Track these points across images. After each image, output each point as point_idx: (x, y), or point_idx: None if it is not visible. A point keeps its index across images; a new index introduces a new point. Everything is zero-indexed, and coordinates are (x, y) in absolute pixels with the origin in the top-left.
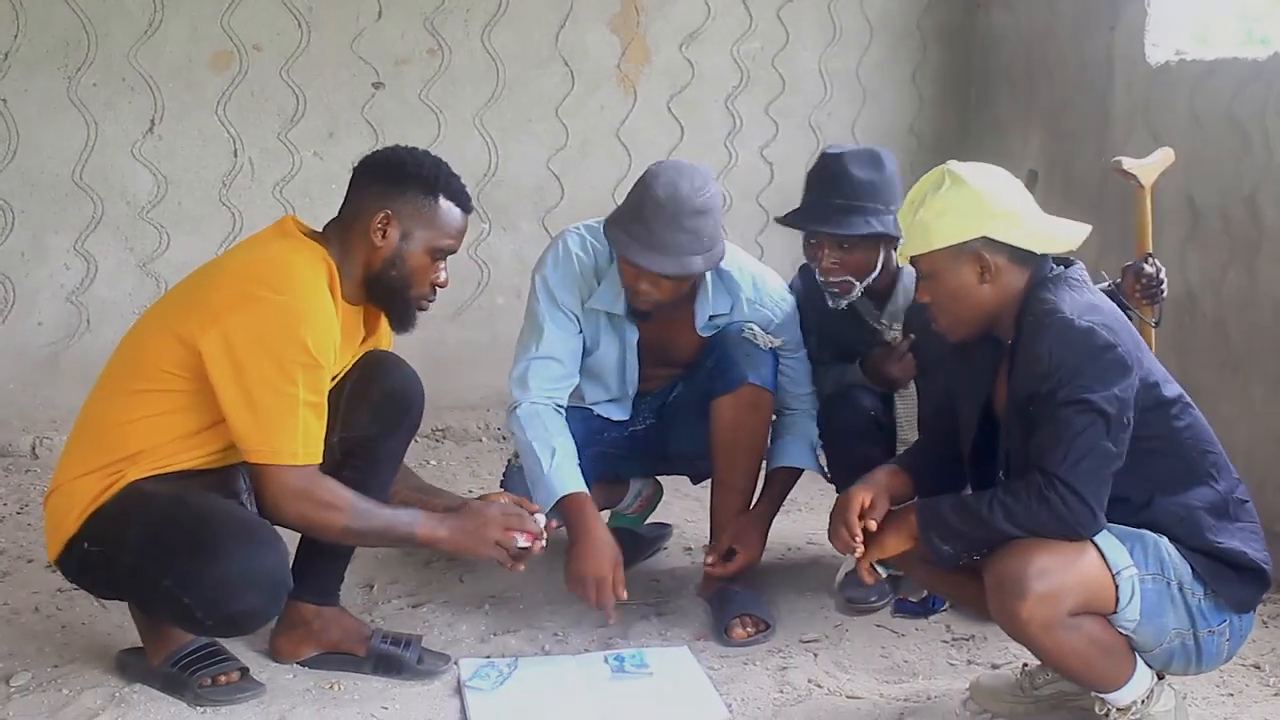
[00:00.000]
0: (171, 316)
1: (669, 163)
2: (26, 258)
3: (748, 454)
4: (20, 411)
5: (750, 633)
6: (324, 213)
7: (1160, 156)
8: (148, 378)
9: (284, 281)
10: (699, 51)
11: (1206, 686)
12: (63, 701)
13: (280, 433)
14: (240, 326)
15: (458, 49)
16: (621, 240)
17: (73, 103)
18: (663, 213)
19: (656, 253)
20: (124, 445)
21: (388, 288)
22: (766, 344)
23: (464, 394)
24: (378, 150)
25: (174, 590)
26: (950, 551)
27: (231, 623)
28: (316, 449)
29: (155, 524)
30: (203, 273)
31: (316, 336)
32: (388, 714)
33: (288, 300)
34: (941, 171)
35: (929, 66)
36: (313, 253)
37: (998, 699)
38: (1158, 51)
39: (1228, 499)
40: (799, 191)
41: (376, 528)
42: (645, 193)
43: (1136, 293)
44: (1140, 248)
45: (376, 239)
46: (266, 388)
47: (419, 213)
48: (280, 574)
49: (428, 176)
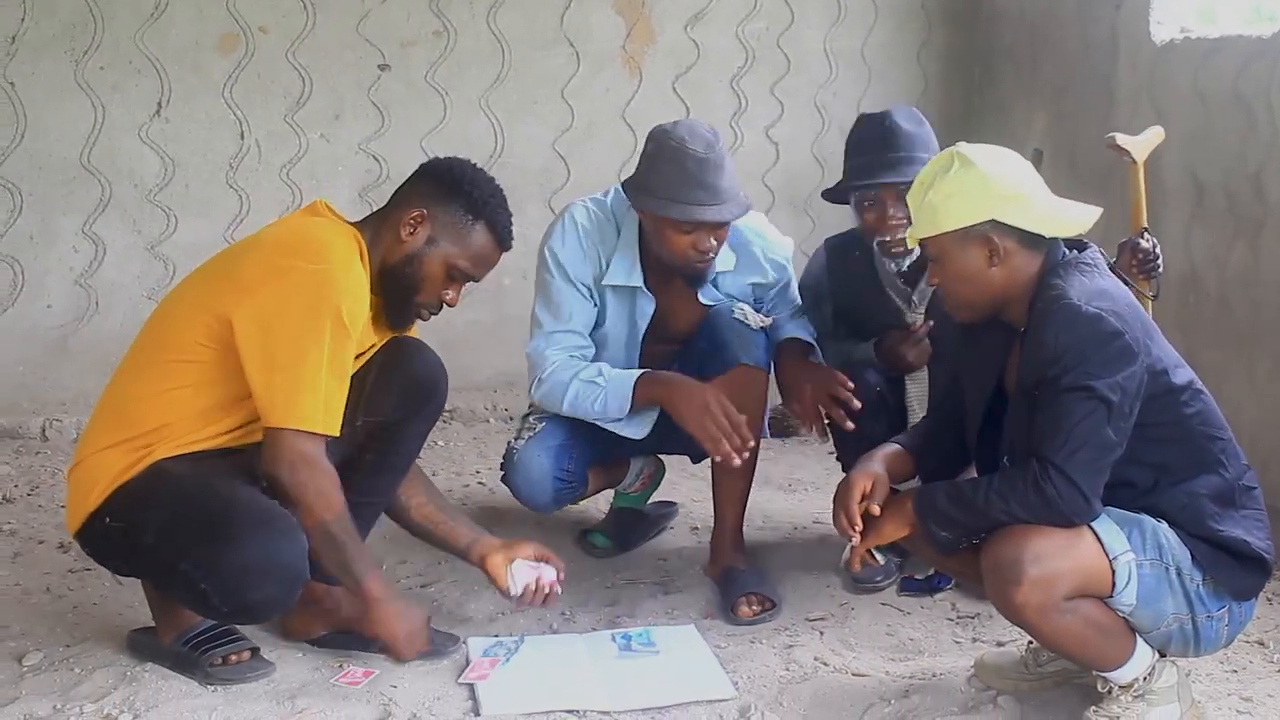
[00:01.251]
0: (202, 290)
1: (676, 124)
2: (35, 240)
3: None
4: (30, 394)
5: (756, 611)
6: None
7: (1152, 134)
8: (176, 349)
9: (318, 253)
10: (704, 32)
11: (1210, 663)
12: (74, 680)
13: (302, 397)
14: (273, 295)
15: (463, 31)
16: (686, 211)
17: (80, 86)
18: (710, 164)
19: (725, 203)
20: (149, 418)
21: (396, 283)
22: (758, 324)
23: (471, 375)
24: (451, 157)
25: (191, 574)
26: (947, 538)
27: (247, 611)
28: (336, 420)
29: (177, 506)
30: (235, 249)
31: (350, 304)
32: (396, 693)
33: (322, 269)
34: (951, 154)
35: (934, 46)
36: (345, 230)
37: (1002, 676)
38: (1162, 29)
39: (1234, 486)
40: (805, 171)
41: (347, 547)
42: (680, 155)
43: (1133, 268)
44: (1135, 223)
45: (404, 232)
46: (292, 350)
47: (453, 226)
48: (298, 565)
49: (479, 199)
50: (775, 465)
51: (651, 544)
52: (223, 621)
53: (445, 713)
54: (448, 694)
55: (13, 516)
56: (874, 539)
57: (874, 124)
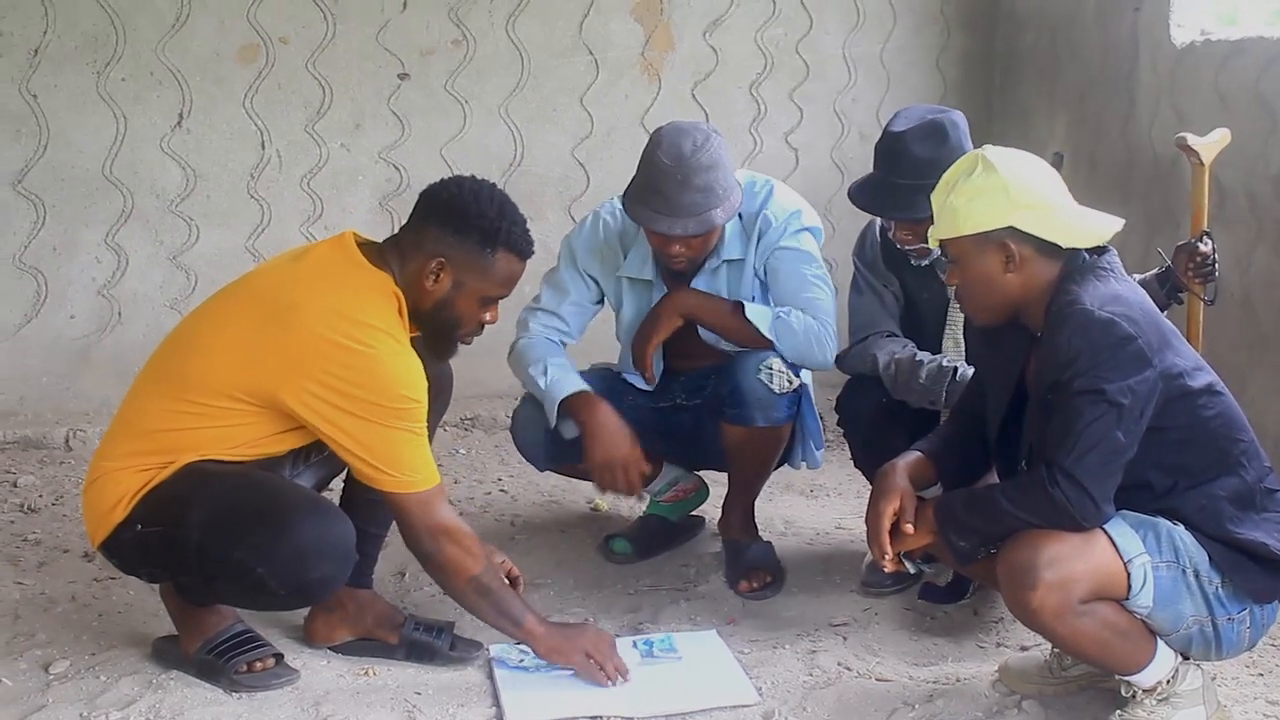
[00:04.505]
0: (237, 343)
1: (668, 126)
2: (58, 251)
3: (755, 466)
4: (54, 404)
5: (756, 586)
6: (351, 203)
7: (1220, 135)
8: (208, 394)
9: (366, 332)
10: (723, 38)
11: (1236, 666)
12: (100, 689)
13: (406, 461)
14: (333, 380)
15: (482, 39)
16: (641, 214)
17: (102, 98)
18: (671, 177)
19: (677, 217)
20: (173, 448)
21: (436, 326)
22: (781, 389)
23: (492, 383)
24: (447, 181)
25: (246, 562)
26: (966, 546)
27: (306, 590)
28: (434, 470)
29: (221, 500)
30: (273, 296)
31: (413, 385)
32: (421, 700)
33: (377, 351)
34: (976, 156)
35: (953, 51)
36: (382, 288)
37: (1027, 681)
38: (1182, 32)
39: (1255, 489)
40: (824, 177)
41: (499, 594)
42: (651, 161)
43: (1189, 271)
44: (1195, 226)
45: (429, 284)
46: (378, 425)
47: (474, 264)
48: (350, 542)
49: (489, 228)
50: (797, 472)
51: (673, 550)
52: (277, 607)
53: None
54: (471, 701)
55: (38, 526)
56: (900, 546)
57: (889, 144)
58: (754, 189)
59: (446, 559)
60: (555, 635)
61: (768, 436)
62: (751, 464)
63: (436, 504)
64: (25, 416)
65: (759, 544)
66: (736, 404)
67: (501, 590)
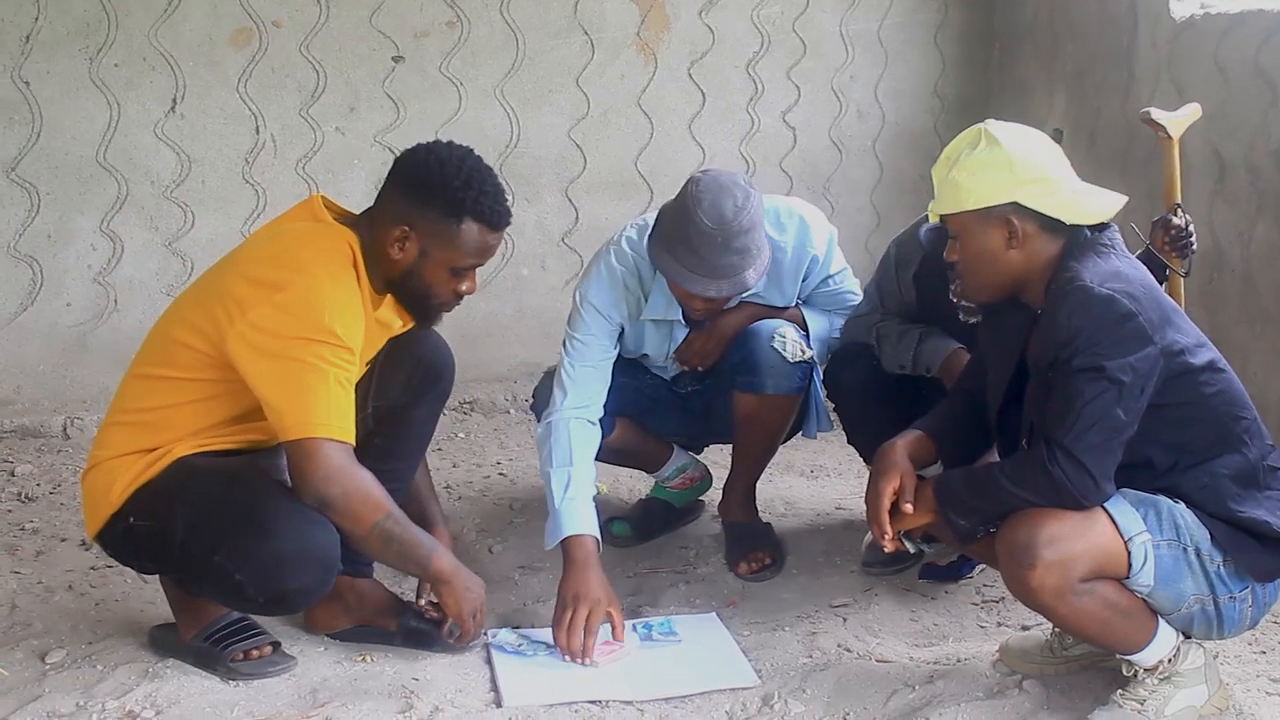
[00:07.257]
0: (197, 307)
1: (708, 179)
2: (53, 239)
3: (763, 440)
4: (51, 392)
5: (756, 568)
6: (347, 187)
7: (1189, 111)
8: (180, 367)
9: (301, 267)
10: (719, 17)
11: (1239, 644)
12: (97, 677)
13: (312, 406)
14: (261, 319)
15: (477, 20)
16: (672, 268)
17: (95, 84)
18: (712, 240)
19: (711, 278)
20: (162, 430)
21: (407, 294)
22: (795, 358)
23: (491, 366)
24: (418, 148)
25: (225, 566)
26: (966, 525)
27: (283, 600)
28: (350, 427)
29: (207, 499)
30: (228, 260)
31: (343, 322)
32: (419, 685)
33: (307, 282)
34: (979, 130)
35: (951, 27)
36: (334, 235)
37: (1028, 660)
38: (1182, 5)
39: (1257, 466)
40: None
41: (403, 538)
42: (690, 219)
43: (1165, 245)
44: (1168, 200)
45: (394, 251)
46: (294, 367)
47: (438, 233)
48: (332, 553)
49: (455, 197)
50: (797, 452)
51: (673, 533)
52: (256, 612)
53: (467, 704)
54: (470, 686)
55: (35, 515)
56: (899, 526)
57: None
58: (779, 218)
59: (345, 505)
60: (455, 586)
61: (779, 405)
62: (760, 437)
63: (340, 454)
64: (22, 405)
65: (759, 526)
66: (749, 371)
67: (405, 534)
